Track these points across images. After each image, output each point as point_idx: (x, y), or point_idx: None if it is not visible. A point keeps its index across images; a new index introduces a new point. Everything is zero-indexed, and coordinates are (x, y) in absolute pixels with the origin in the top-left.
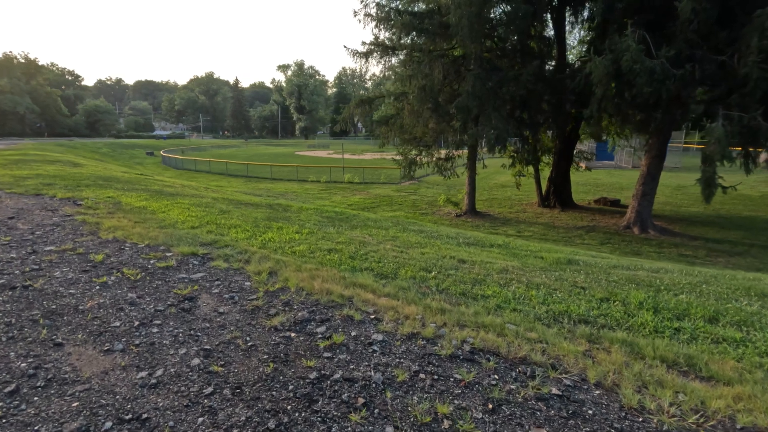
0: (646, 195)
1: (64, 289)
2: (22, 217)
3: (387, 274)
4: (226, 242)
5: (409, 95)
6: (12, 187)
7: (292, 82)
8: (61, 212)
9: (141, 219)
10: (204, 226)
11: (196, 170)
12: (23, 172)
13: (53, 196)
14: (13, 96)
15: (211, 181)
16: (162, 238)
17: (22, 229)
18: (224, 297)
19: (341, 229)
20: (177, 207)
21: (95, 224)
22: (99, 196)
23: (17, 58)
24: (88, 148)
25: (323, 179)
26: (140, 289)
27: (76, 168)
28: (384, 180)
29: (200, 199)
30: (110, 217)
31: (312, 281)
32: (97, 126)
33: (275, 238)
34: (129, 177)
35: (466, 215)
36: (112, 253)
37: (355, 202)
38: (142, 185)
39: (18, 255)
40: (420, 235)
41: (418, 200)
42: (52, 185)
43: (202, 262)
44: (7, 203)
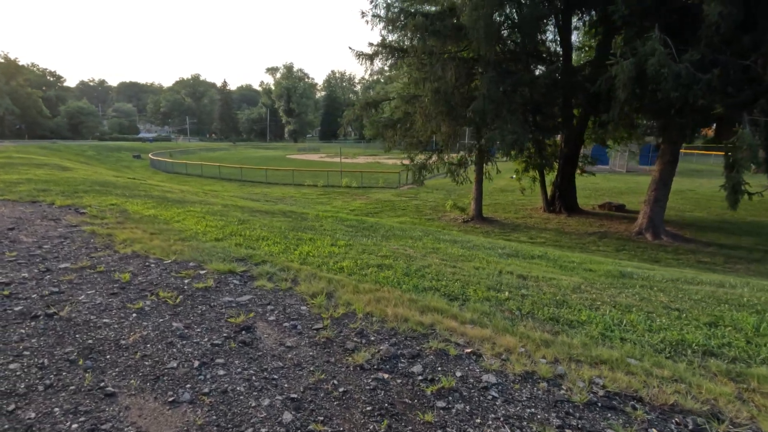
0: (659, 201)
1: (95, 318)
2: (23, 227)
3: (455, 294)
4: (261, 257)
5: (423, 98)
6: (4, 193)
7: (282, 85)
8: (65, 222)
9: (157, 230)
10: (229, 238)
11: (188, 174)
12: (12, 177)
13: (52, 204)
14: None
15: (205, 185)
16: (188, 253)
17: (27, 242)
18: (285, 326)
19: (375, 240)
20: (190, 216)
21: (107, 236)
22: (101, 204)
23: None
24: (72, 150)
25: (320, 183)
26: (184, 317)
27: (66, 172)
28: (383, 184)
29: (210, 207)
30: (121, 227)
31: (378, 305)
32: (80, 128)
33: (313, 252)
34: (124, 182)
35: (473, 221)
36: (137, 271)
37: (357, 208)
38: (142, 191)
39: (31, 274)
40: (458, 246)
41: (420, 205)
42: (47, 191)
43: (243, 282)
44: (3, 212)
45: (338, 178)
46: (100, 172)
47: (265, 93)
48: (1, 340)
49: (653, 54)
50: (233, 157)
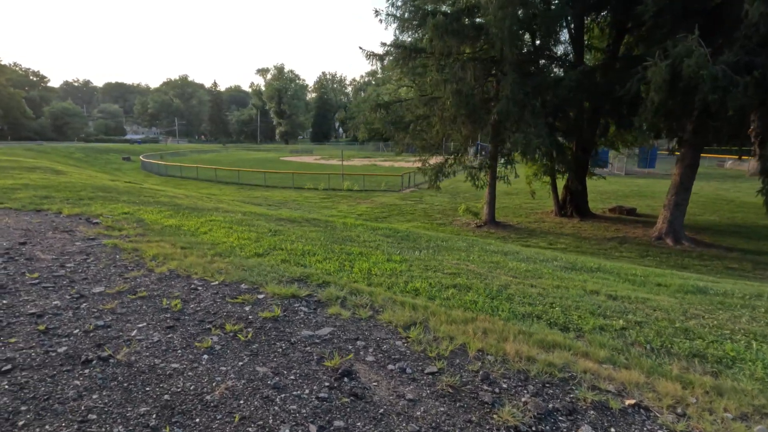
0: (679, 205)
1: (161, 362)
2: (36, 241)
3: (562, 323)
4: (320, 277)
5: (441, 99)
6: (3, 200)
7: (273, 86)
8: (80, 234)
9: (186, 243)
10: (271, 253)
11: (182, 177)
12: (6, 182)
13: (59, 213)
14: None
15: (201, 189)
16: (234, 272)
17: (46, 259)
18: (390, 370)
19: (427, 254)
20: (215, 226)
21: (134, 251)
22: (113, 212)
23: None
24: (59, 152)
25: (321, 186)
26: (266, 358)
27: (61, 176)
28: (385, 187)
29: (230, 215)
30: (145, 241)
31: (488, 339)
32: (65, 129)
33: (375, 270)
34: (125, 187)
35: (487, 226)
36: (186, 296)
37: (364, 212)
38: (148, 197)
39: (63, 302)
40: (512, 258)
41: (427, 209)
42: (49, 198)
43: (312, 309)
44: (7, 222)
45: (339, 181)
46: (96, 176)
47: (255, 94)
48: (56, 397)
49: (689, 55)
50: (226, 159)
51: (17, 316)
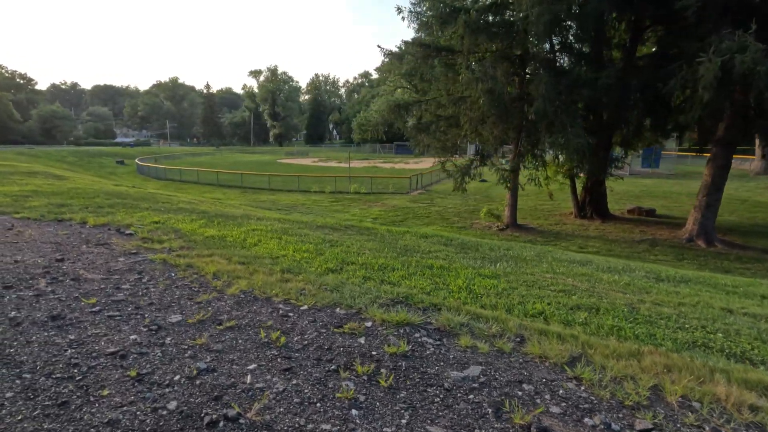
0: (711, 206)
1: (306, 422)
2: (73, 257)
3: (738, 352)
4: (422, 299)
5: (475, 99)
6: (18, 210)
7: (266, 88)
8: (118, 248)
9: (243, 258)
10: (345, 269)
11: (182, 180)
12: (12, 189)
13: (84, 223)
14: None
15: (205, 193)
16: (321, 294)
17: (94, 280)
18: (592, 426)
19: (510, 266)
20: (263, 237)
21: (189, 268)
22: (142, 222)
23: None
24: (51, 156)
25: (328, 189)
26: (429, 413)
27: (65, 181)
28: (392, 190)
29: (268, 223)
30: (195, 255)
31: (681, 379)
32: (54, 132)
33: (476, 288)
34: (135, 192)
35: (510, 229)
36: (281, 326)
37: (378, 216)
38: (165, 203)
39: (142, 337)
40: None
41: (441, 212)
42: (66, 206)
43: (438, 340)
44: (32, 235)
45: (346, 183)
46: (99, 181)
47: (248, 96)
48: None
49: (743, 51)
50: (223, 161)
51: (95, 357)
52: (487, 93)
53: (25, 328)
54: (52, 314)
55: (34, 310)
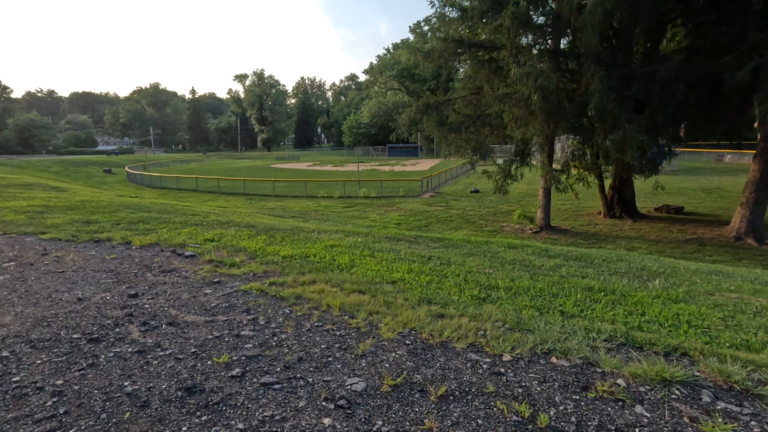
0: (760, 203)
1: None
2: (146, 290)
3: None
4: (650, 340)
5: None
6: (41, 229)
7: (253, 92)
8: (191, 275)
9: (357, 285)
10: (495, 295)
11: (179, 188)
12: (18, 204)
13: (127, 243)
14: None
15: (207, 201)
16: (510, 337)
17: (196, 323)
18: None
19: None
20: (351, 255)
21: (300, 301)
22: (194, 240)
23: None
24: (35, 167)
25: (336, 194)
26: None
27: (68, 194)
28: (403, 193)
29: (336, 237)
30: (290, 281)
31: None
32: (32, 142)
33: (690, 321)
34: (151, 204)
35: (544, 231)
36: (511, 391)
37: (401, 221)
38: (189, 215)
39: (336, 420)
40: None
41: (463, 215)
42: (94, 223)
43: (739, 404)
44: (75, 261)
45: (353, 188)
46: (100, 192)
47: (234, 101)
48: None
49: None
50: (215, 168)
51: None
52: (538, 89)
53: (160, 412)
54: (182, 384)
55: (152, 378)
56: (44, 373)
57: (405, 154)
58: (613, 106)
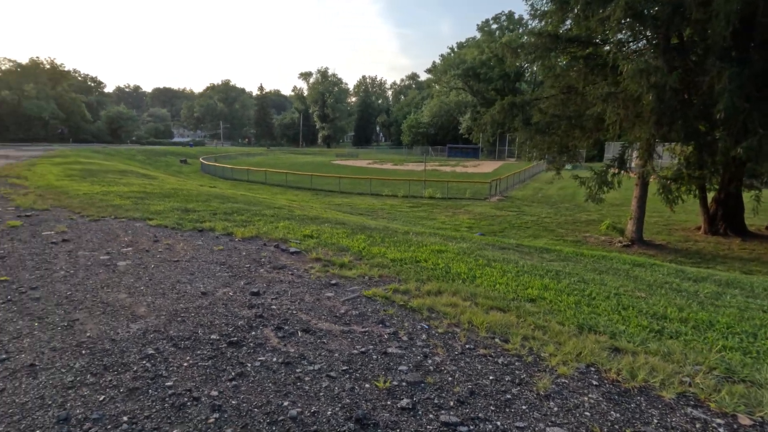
0: None
1: None
2: (264, 288)
3: None
4: None
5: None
6: (147, 215)
7: (316, 90)
8: (304, 274)
9: (490, 300)
10: (671, 328)
11: (249, 181)
12: (121, 189)
13: (229, 235)
14: (38, 102)
15: (277, 194)
16: (738, 391)
17: (333, 333)
18: None
19: None
20: (466, 263)
21: (434, 315)
22: (294, 235)
23: (44, 63)
24: (123, 155)
25: (401, 193)
26: None
27: (158, 181)
28: (469, 195)
29: (440, 241)
30: (413, 289)
31: None
32: (119, 132)
33: None
34: (233, 194)
35: (636, 245)
36: None
37: (471, 225)
38: (279, 208)
39: None
40: None
41: (538, 221)
42: (192, 212)
43: None
44: (185, 250)
45: (418, 187)
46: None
47: (297, 98)
48: None
49: None
50: (280, 162)
51: None
52: (652, 88)
53: None
54: (350, 414)
55: (312, 400)
56: (195, 380)
57: (465, 155)
58: (746, 108)
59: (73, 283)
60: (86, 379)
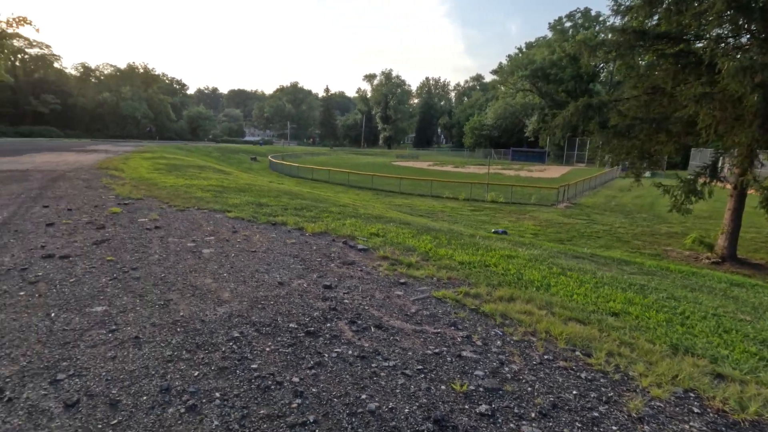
0: None
1: None
2: (336, 282)
3: None
4: None
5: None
6: (226, 208)
7: (380, 92)
8: (372, 270)
9: (568, 310)
10: None
11: (313, 179)
12: (200, 183)
13: (300, 229)
14: (133, 102)
15: (340, 193)
16: None
17: (404, 331)
18: None
19: None
20: (539, 271)
21: (507, 322)
22: (360, 232)
23: (138, 68)
24: (201, 152)
25: (462, 196)
26: None
27: (233, 177)
28: (534, 201)
29: (509, 246)
30: (483, 293)
31: None
32: (198, 131)
33: None
34: (299, 191)
35: (727, 263)
36: None
37: (537, 231)
38: (344, 206)
39: None
40: None
41: (611, 231)
42: (264, 206)
43: None
44: (261, 242)
45: (479, 191)
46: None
47: (361, 99)
48: None
49: None
50: (342, 162)
51: None
52: (757, 87)
53: None
54: (428, 414)
55: (389, 396)
56: (277, 365)
57: (530, 158)
58: None
59: (166, 266)
60: (182, 354)
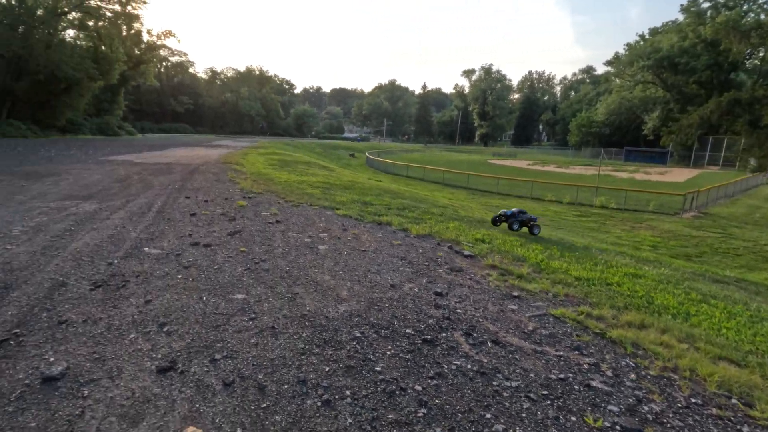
0: None
1: None
2: (446, 290)
3: None
4: None
5: None
6: (334, 205)
7: (478, 87)
8: (482, 280)
9: (720, 348)
10: None
11: (408, 176)
12: (309, 179)
13: (404, 230)
14: (249, 101)
15: (434, 191)
16: None
17: (523, 350)
18: None
19: None
20: (672, 295)
21: (641, 353)
22: (465, 237)
23: (254, 70)
24: (305, 147)
25: (565, 200)
26: None
27: (336, 173)
28: (654, 208)
29: (616, 259)
30: (609, 317)
31: None
32: (303, 128)
33: None
34: (398, 189)
35: None
36: None
37: (656, 244)
38: (444, 207)
39: None
40: None
41: (754, 248)
42: (369, 204)
43: None
44: (370, 241)
45: (586, 194)
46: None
47: (458, 95)
48: None
49: None
50: (436, 159)
51: None
52: None
53: None
54: None
55: (514, 419)
56: (399, 370)
57: (647, 159)
58: None
59: (289, 260)
60: (313, 349)
